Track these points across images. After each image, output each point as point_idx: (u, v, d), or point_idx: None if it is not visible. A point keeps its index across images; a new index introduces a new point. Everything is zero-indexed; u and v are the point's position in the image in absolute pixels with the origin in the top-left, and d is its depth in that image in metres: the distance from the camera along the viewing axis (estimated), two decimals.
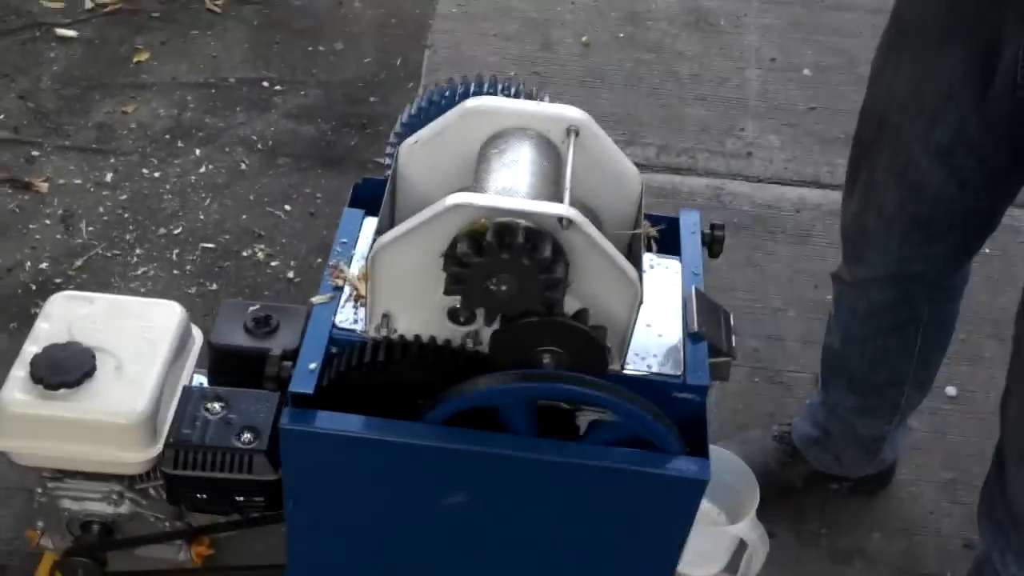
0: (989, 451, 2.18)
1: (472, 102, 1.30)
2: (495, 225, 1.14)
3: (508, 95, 1.41)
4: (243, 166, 2.63)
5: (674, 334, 1.38)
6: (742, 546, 1.79)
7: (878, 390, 1.98)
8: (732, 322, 1.45)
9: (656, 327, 1.38)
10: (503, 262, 1.14)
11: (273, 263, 2.40)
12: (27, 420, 1.45)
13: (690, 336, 1.37)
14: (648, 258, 1.44)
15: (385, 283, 1.26)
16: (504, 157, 1.28)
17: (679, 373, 1.33)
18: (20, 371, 1.46)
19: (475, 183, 1.28)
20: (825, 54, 3.18)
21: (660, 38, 3.21)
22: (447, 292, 1.21)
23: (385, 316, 1.30)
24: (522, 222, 1.14)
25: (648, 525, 1.32)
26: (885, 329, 1.90)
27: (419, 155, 1.35)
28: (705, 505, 1.94)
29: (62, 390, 1.44)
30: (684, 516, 1.30)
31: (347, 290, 1.37)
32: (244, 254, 2.41)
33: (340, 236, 1.43)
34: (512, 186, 1.24)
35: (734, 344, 1.43)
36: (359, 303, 1.35)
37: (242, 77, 2.88)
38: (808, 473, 2.08)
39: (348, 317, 1.35)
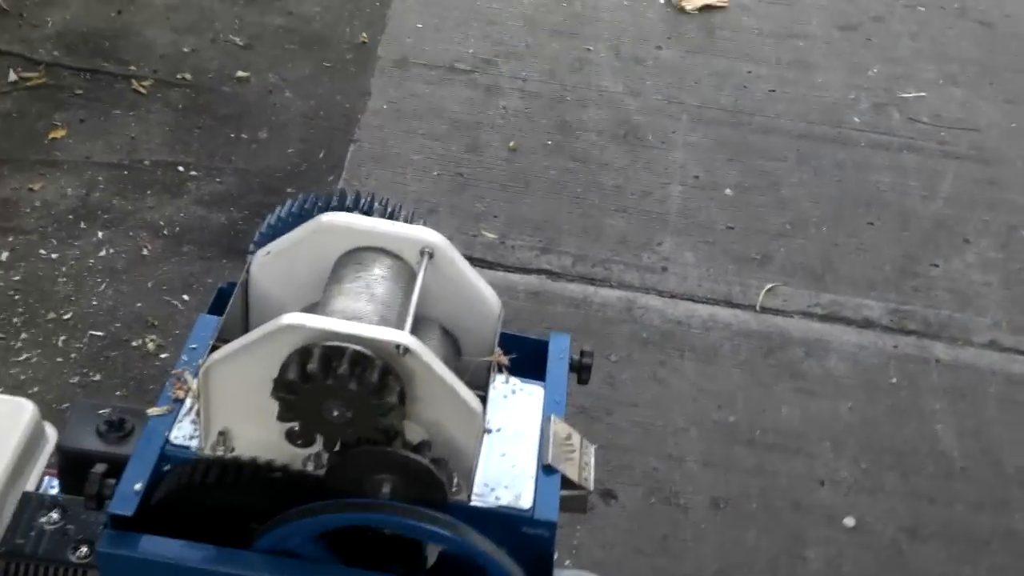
0: None
1: (326, 217, 1.27)
2: (321, 349, 1.10)
3: (375, 211, 1.39)
4: (145, 251, 2.58)
5: (528, 464, 1.34)
6: None
7: None
8: (592, 454, 1.41)
9: (510, 456, 1.34)
10: (329, 388, 1.10)
11: (163, 355, 2.34)
12: None
13: (543, 468, 1.33)
14: (511, 384, 1.40)
15: (219, 400, 1.21)
16: (353, 277, 1.24)
17: (528, 507, 1.29)
18: None
19: (321, 302, 1.25)
20: (748, 175, 3.21)
21: (588, 148, 3.23)
22: (280, 418, 1.16)
23: (222, 434, 1.24)
24: (350, 346, 1.10)
25: None
26: None
27: (272, 266, 1.32)
28: None
29: None
30: None
31: (189, 402, 1.32)
32: (134, 344, 2.34)
33: (190, 343, 1.38)
34: (357, 308, 1.21)
35: (592, 476, 1.39)
36: (199, 418, 1.29)
37: (158, 160, 2.85)
38: None
39: (186, 432, 1.29)
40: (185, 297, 2.48)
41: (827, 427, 2.53)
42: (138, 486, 1.21)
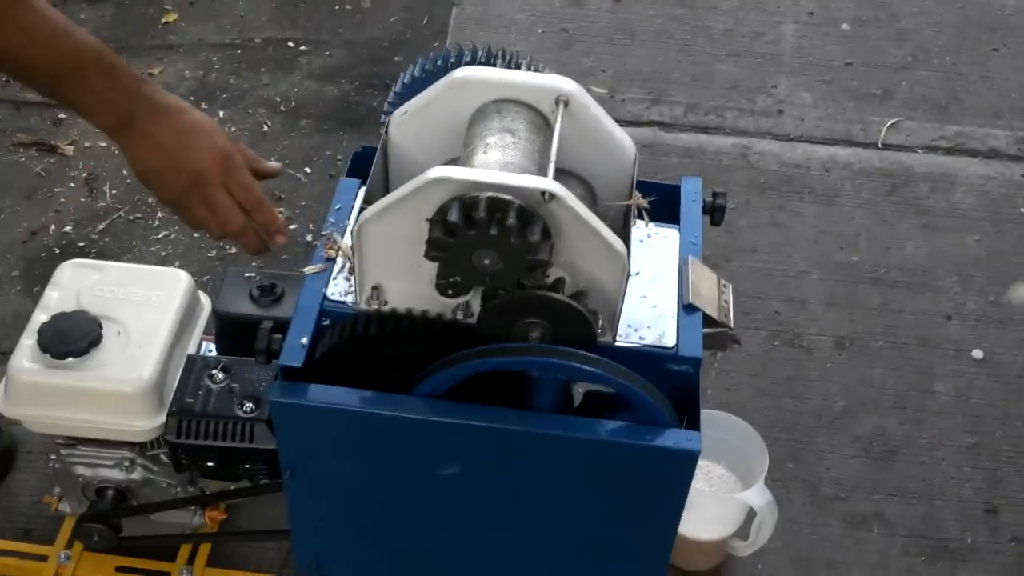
0: (1014, 415, 2.16)
1: (460, 72, 1.29)
2: (488, 200, 1.13)
3: (504, 64, 1.40)
4: (265, 128, 2.64)
5: (669, 305, 1.37)
6: (753, 512, 1.79)
7: None
8: (730, 292, 1.43)
9: (651, 298, 1.37)
10: (481, 237, 1.14)
11: (292, 226, 2.42)
12: (36, 389, 1.48)
13: (684, 307, 1.36)
14: (646, 228, 1.42)
15: (372, 255, 1.26)
16: (491, 129, 1.27)
17: (672, 345, 1.32)
18: (29, 340, 1.50)
19: (463, 155, 1.28)
20: (865, 7, 3.10)
21: None
22: (428, 257, 1.21)
23: (375, 288, 1.30)
24: (500, 195, 1.13)
25: (642, 497, 1.32)
26: None
27: (409, 125, 1.34)
28: (720, 471, 1.95)
29: (69, 359, 1.47)
30: (678, 488, 1.29)
31: (340, 261, 1.37)
32: None
33: (335, 205, 1.43)
34: (498, 160, 1.23)
35: (731, 314, 1.41)
36: (352, 275, 1.35)
37: (268, 37, 2.88)
38: None
39: (341, 289, 1.35)
40: (307, 170, 2.54)
41: (953, 261, 2.49)
42: (304, 340, 1.28)
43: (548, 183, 1.16)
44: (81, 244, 2.31)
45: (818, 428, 2.15)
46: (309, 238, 2.39)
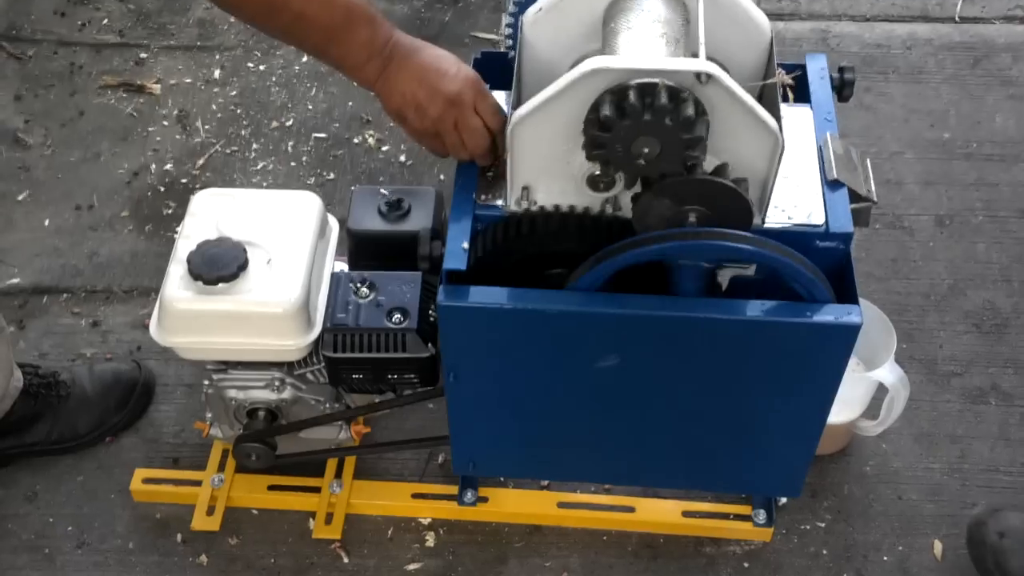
0: None
1: None
2: (637, 86, 1.14)
3: None
4: None
5: (812, 183, 1.38)
6: (881, 391, 1.81)
7: None
8: (869, 166, 1.44)
9: (793, 178, 1.38)
10: (646, 123, 1.15)
11: (384, 148, 2.42)
12: (190, 316, 1.52)
13: (828, 184, 1.37)
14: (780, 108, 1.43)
15: (524, 155, 1.28)
16: (631, 16, 1.27)
17: (821, 222, 1.34)
18: (178, 269, 1.53)
19: (604, 46, 1.28)
20: None
21: None
22: (589, 157, 1.22)
23: (525, 189, 1.32)
24: (663, 81, 1.14)
25: (803, 374, 1.35)
26: None
27: (544, 23, 1.35)
28: None
29: (220, 284, 1.50)
30: (838, 362, 1.32)
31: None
32: (355, 141, 2.43)
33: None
34: (644, 46, 1.24)
35: (873, 188, 1.42)
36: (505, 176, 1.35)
37: None
38: None
39: (486, 193, 1.37)
40: None
41: None
42: (464, 244, 1.31)
43: (704, 64, 1.16)
44: (184, 180, 2.33)
45: (927, 307, 2.15)
46: (403, 159, 2.40)
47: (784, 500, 1.84)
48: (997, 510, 1.77)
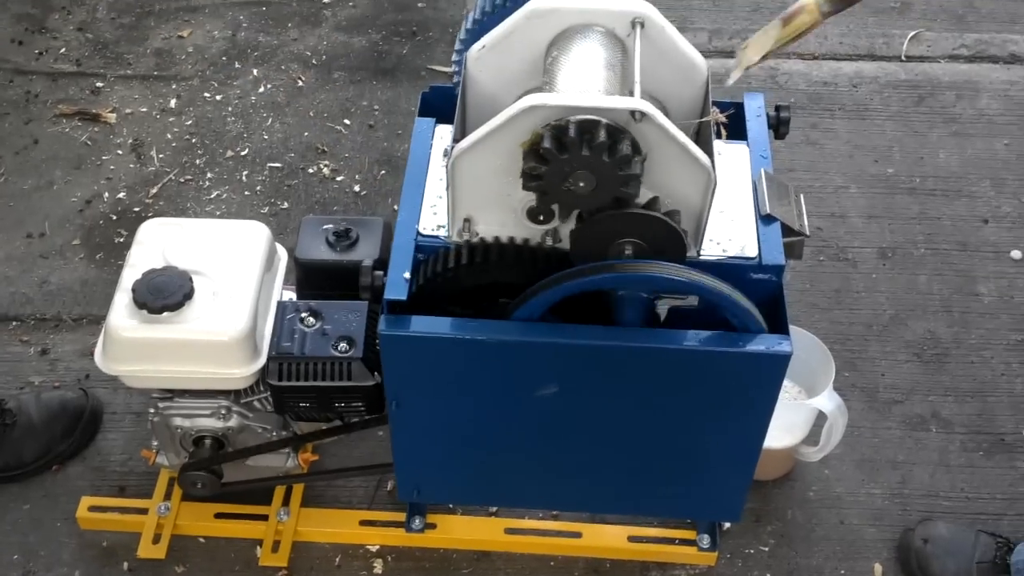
0: None
1: (537, 3, 1.32)
2: (576, 123, 1.17)
3: None
4: (300, 82, 2.66)
5: (747, 217, 1.41)
6: (822, 418, 1.85)
7: None
8: (803, 201, 1.48)
9: (728, 212, 1.42)
10: (584, 159, 1.18)
11: (339, 178, 2.45)
12: (135, 344, 1.53)
13: (762, 218, 1.41)
14: (716, 145, 1.47)
15: (465, 188, 1.31)
16: (572, 55, 1.30)
17: (755, 255, 1.37)
18: (123, 297, 1.54)
19: (545, 83, 1.32)
20: None
21: None
22: (526, 188, 1.25)
23: (467, 220, 1.35)
24: (603, 119, 1.17)
25: (738, 401, 1.38)
26: None
27: (487, 60, 1.38)
28: (784, 382, 1.99)
29: (165, 313, 1.51)
30: (770, 390, 1.36)
31: (427, 198, 1.42)
32: (310, 171, 2.46)
33: (413, 147, 1.47)
34: (582, 84, 1.27)
35: (806, 222, 1.46)
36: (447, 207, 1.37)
37: None
38: None
39: (431, 224, 1.40)
40: (346, 121, 2.57)
41: (985, 166, 2.54)
42: (406, 274, 1.33)
43: (638, 103, 1.20)
44: (136, 209, 2.35)
45: (870, 337, 2.20)
46: (356, 189, 2.43)
47: (728, 525, 1.87)
48: (927, 519, 1.85)
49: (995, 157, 2.56)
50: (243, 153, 2.49)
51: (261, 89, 2.63)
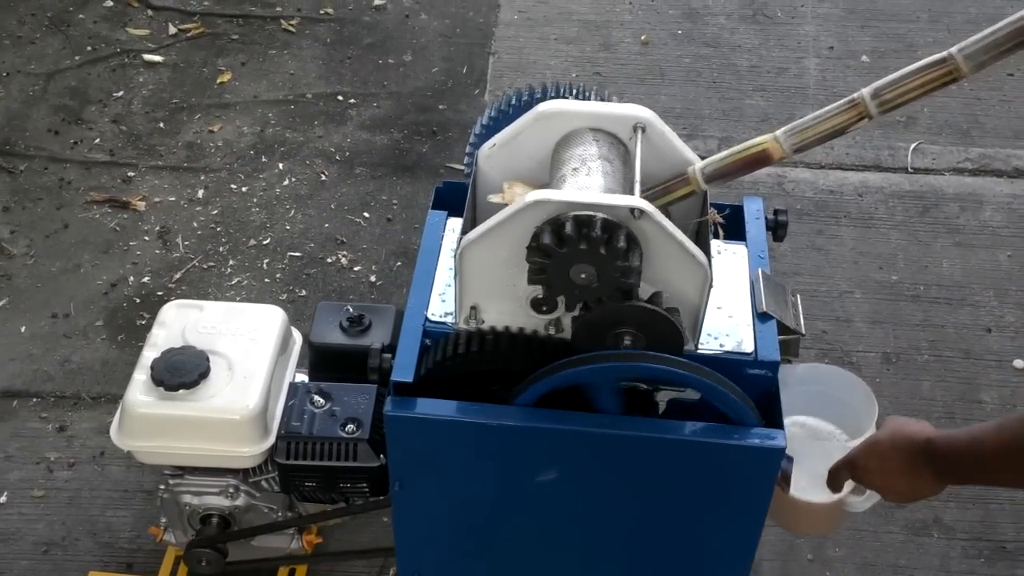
0: None
1: (545, 106, 1.40)
2: (574, 218, 1.24)
3: (576, 97, 1.51)
4: (323, 177, 2.76)
5: (744, 315, 1.47)
6: None
7: None
8: (799, 302, 1.53)
9: (726, 309, 1.47)
10: (582, 252, 1.24)
11: (356, 268, 2.53)
12: (150, 421, 1.58)
13: (759, 316, 1.46)
14: (715, 244, 1.53)
15: (472, 278, 1.37)
16: (576, 155, 1.38)
17: (751, 351, 1.42)
18: (141, 375, 1.60)
19: (551, 181, 1.39)
20: (882, 40, 3.23)
21: (718, 33, 3.28)
22: (531, 282, 1.31)
23: (473, 308, 1.40)
24: (598, 214, 1.24)
25: (731, 492, 1.41)
26: None
27: (497, 157, 1.46)
28: (826, 427, 1.92)
29: (181, 391, 1.57)
30: (763, 484, 1.38)
31: (436, 286, 1.48)
32: (329, 260, 2.54)
33: (424, 239, 1.54)
34: (586, 182, 1.34)
35: (802, 322, 1.51)
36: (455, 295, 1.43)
37: (318, 92, 3.02)
38: None
39: (438, 311, 1.46)
40: (366, 214, 2.66)
41: (988, 276, 2.59)
42: (413, 358, 1.38)
43: (637, 201, 1.26)
44: (160, 293, 2.42)
45: None
46: (373, 279, 2.50)
47: None
48: None
49: (998, 268, 2.62)
50: (265, 242, 2.58)
51: (286, 182, 2.74)
